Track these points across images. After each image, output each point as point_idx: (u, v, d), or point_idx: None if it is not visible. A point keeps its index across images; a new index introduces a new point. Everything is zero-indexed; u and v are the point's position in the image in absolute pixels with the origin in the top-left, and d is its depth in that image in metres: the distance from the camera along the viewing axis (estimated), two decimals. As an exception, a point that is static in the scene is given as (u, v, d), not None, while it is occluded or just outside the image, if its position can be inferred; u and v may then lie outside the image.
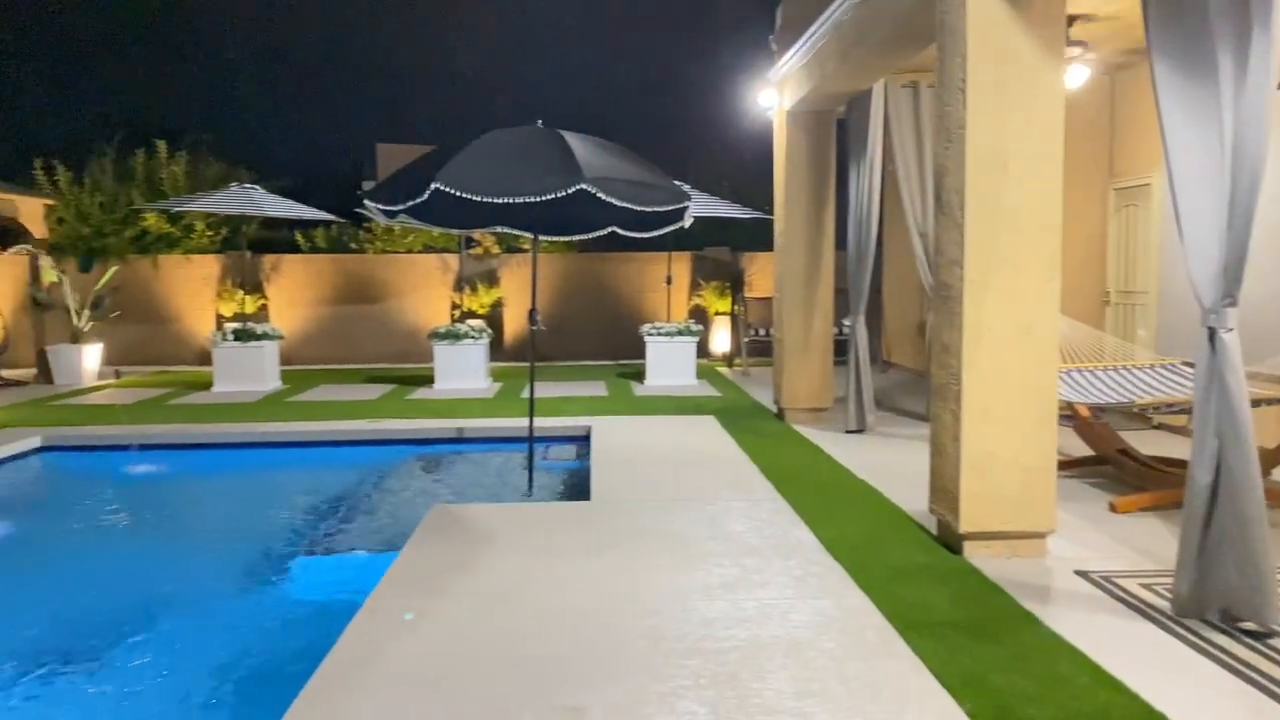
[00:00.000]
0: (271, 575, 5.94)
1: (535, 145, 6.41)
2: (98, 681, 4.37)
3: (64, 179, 15.23)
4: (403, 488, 7.92)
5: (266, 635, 4.88)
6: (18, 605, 5.38)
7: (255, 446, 9.02)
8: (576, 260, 16.22)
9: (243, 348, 12.49)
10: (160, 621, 5.07)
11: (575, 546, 5.21)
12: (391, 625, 4.04)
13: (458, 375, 12.33)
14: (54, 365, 13.46)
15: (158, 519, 7.30)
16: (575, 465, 8.26)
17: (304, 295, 16.06)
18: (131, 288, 15.22)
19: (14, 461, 8.40)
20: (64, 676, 4.37)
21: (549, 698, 3.35)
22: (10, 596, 5.53)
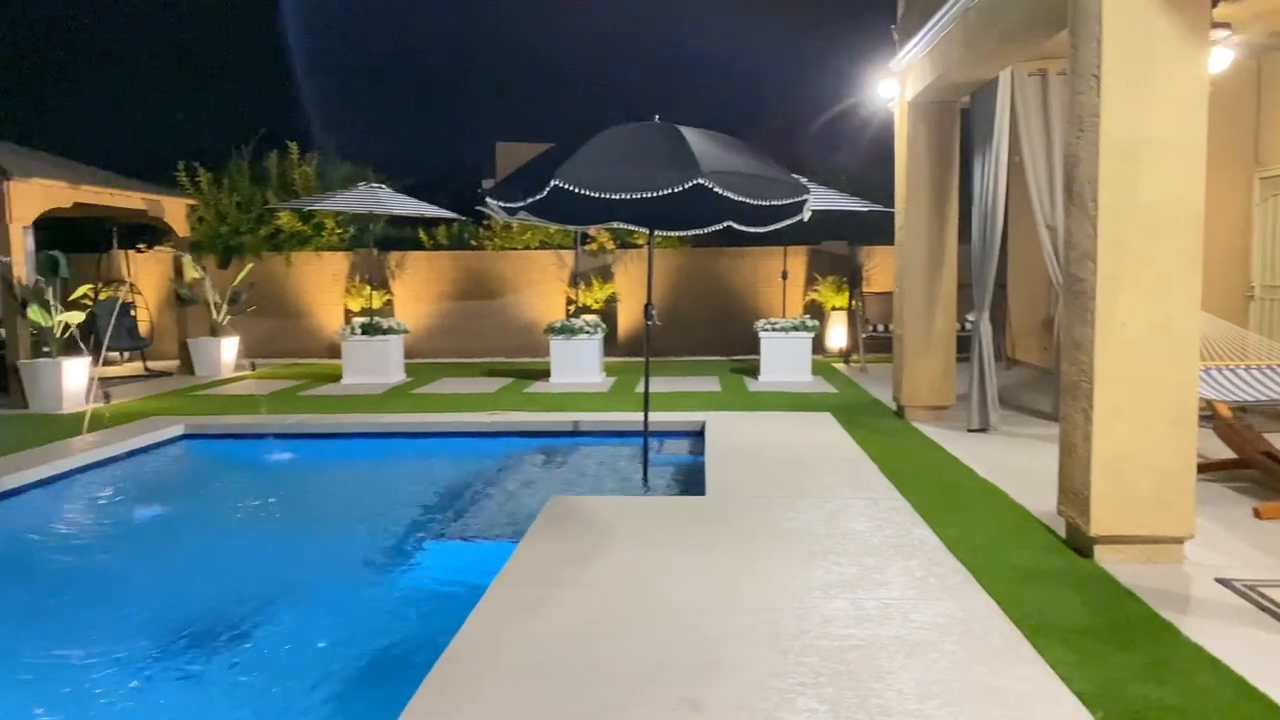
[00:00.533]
0: (397, 561, 6.14)
1: (653, 141, 6.44)
2: (230, 659, 4.60)
3: (204, 180, 16.04)
4: (521, 479, 8.07)
5: (393, 619, 5.06)
6: (158, 583, 5.70)
7: (381, 437, 9.34)
8: (690, 255, 16.23)
9: (369, 341, 12.94)
10: (291, 603, 5.30)
11: (692, 541, 5.23)
12: (513, 613, 4.14)
13: (573, 369, 12.50)
14: (195, 357, 14.22)
15: (290, 504, 7.63)
16: (689, 460, 8.28)
17: (427, 291, 16.53)
18: (266, 284, 15.93)
19: (160, 448, 8.91)
20: (199, 653, 4.61)
21: (667, 689, 3.38)
22: (151, 575, 5.87)
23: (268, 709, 4.02)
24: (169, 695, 4.21)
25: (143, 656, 4.54)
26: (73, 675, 4.31)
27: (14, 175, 10.87)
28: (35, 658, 4.49)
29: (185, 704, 4.11)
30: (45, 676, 4.32)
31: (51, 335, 10.78)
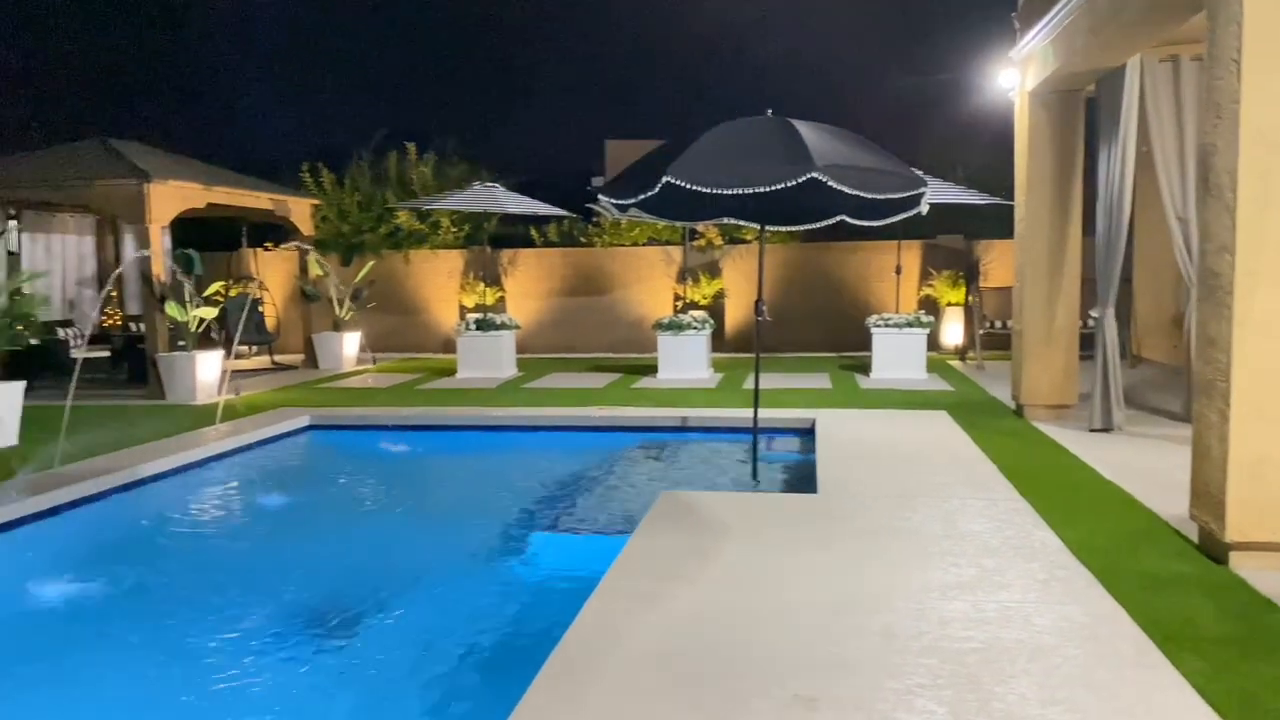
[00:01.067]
0: (510, 551, 6.28)
1: (765, 135, 6.41)
2: (350, 642, 4.78)
3: (328, 181, 16.66)
4: (630, 473, 8.15)
5: (507, 607, 5.17)
6: (285, 567, 5.96)
7: (495, 430, 9.55)
8: (801, 250, 16.09)
9: (483, 337, 13.24)
10: (410, 590, 5.47)
11: (804, 538, 5.20)
12: (626, 607, 4.19)
13: (680, 365, 12.53)
14: (319, 351, 14.79)
15: (408, 494, 7.88)
16: (799, 458, 8.22)
17: (537, 287, 16.82)
18: (385, 281, 16.45)
19: (287, 438, 9.29)
20: (321, 635, 4.80)
21: (781, 686, 3.37)
22: (279, 559, 6.14)
23: (385, 693, 4.17)
24: (293, 675, 4.40)
25: (269, 637, 4.76)
26: (207, 653, 4.56)
27: (153, 178, 11.48)
28: (175, 636, 4.75)
29: (309, 684, 4.29)
30: (182, 654, 4.57)
31: (187, 330, 11.36)
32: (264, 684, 4.26)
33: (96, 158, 12.12)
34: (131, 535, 6.63)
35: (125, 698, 4.16)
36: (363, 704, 4.08)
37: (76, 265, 15.64)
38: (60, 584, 5.31)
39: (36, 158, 12.62)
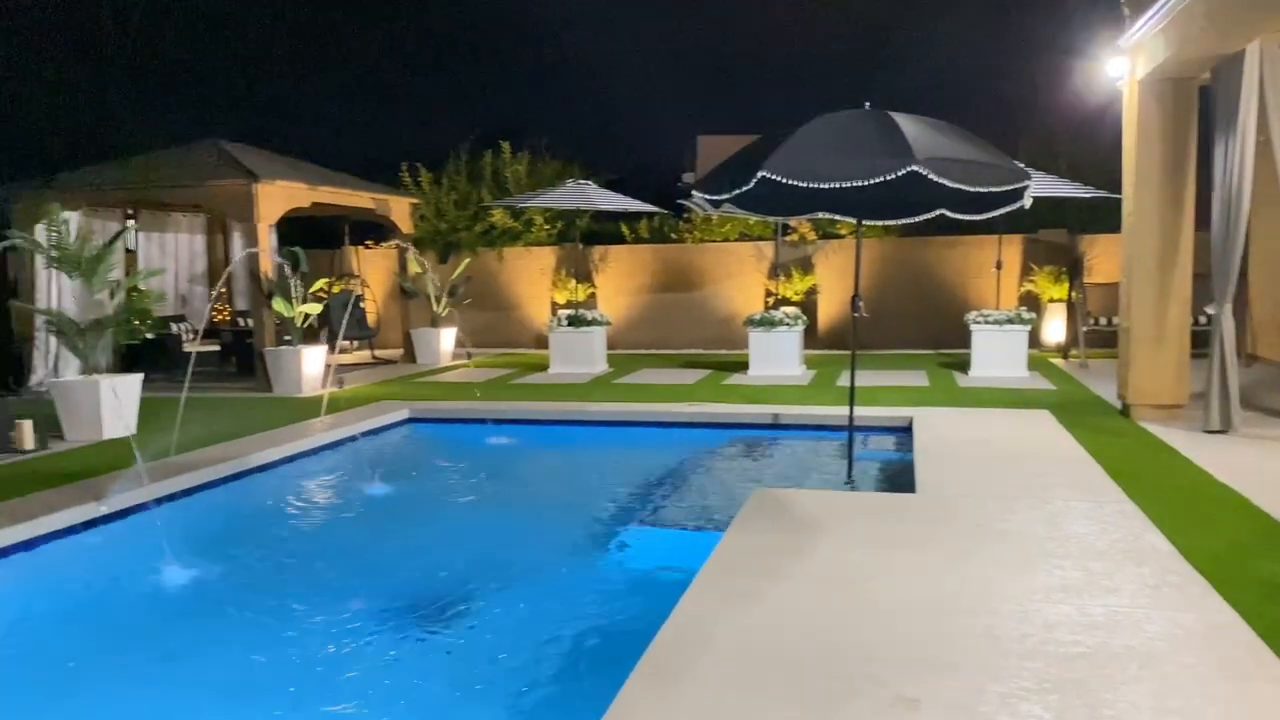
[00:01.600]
0: (604, 545, 6.33)
1: (863, 128, 6.32)
2: (446, 631, 4.88)
3: (425, 180, 17.02)
4: (721, 470, 8.14)
5: (600, 601, 5.22)
6: (386, 555, 6.12)
7: (587, 424, 9.63)
8: (897, 245, 15.82)
9: (575, 333, 13.37)
10: (505, 581, 5.56)
11: (902, 538, 5.11)
12: (721, 603, 4.18)
13: (772, 362, 12.45)
14: (417, 346, 15.14)
15: (503, 486, 8.00)
16: (895, 456, 8.09)
17: (628, 284, 16.90)
18: (480, 278, 16.73)
19: (387, 430, 9.54)
20: (414, 623, 4.92)
21: (882, 687, 3.33)
22: (380, 547, 6.31)
23: (481, 681, 4.24)
24: (391, 658, 4.53)
25: (369, 620, 4.91)
26: (310, 634, 4.72)
27: (261, 178, 11.89)
28: (278, 618, 4.93)
29: (404, 669, 4.41)
30: (285, 634, 4.74)
31: (293, 325, 11.74)
32: (362, 663, 4.40)
33: (209, 159, 12.61)
34: (242, 521, 6.90)
35: (233, 673, 4.34)
36: (458, 690, 4.17)
37: (189, 263, 16.30)
38: (177, 566, 5.55)
39: (153, 159, 13.19)
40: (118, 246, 9.55)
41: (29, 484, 6.73)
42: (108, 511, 6.19)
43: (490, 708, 3.96)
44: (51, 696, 4.17)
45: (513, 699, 4.02)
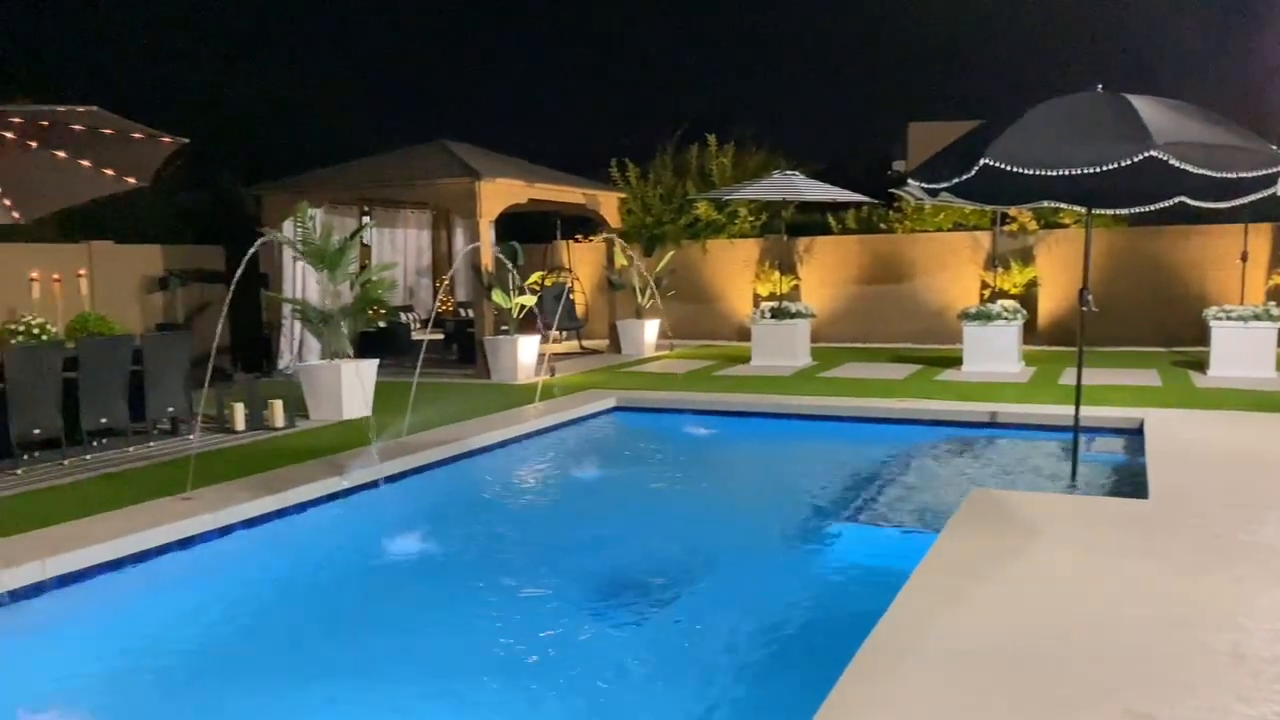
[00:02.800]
0: (810, 539, 6.30)
1: (1095, 111, 5.96)
2: (652, 615, 5.00)
3: (633, 174, 17.38)
4: (934, 469, 7.90)
5: (807, 595, 5.20)
6: (593, 537, 6.33)
7: (791, 418, 9.58)
8: (1126, 235, 14.80)
9: (778, 325, 13.31)
10: (710, 569, 5.64)
11: (1133, 546, 4.82)
12: (937, 604, 4.09)
13: (987, 357, 11.95)
14: (622, 337, 15.52)
15: (707, 476, 8.11)
16: (1123, 460, 7.61)
17: (833, 275, 16.64)
18: (683, 270, 16.92)
19: (596, 418, 9.85)
20: (622, 605, 5.07)
21: (1109, 699, 3.16)
22: (586, 529, 6.53)
23: (686, 670, 4.32)
24: (597, 636, 4.69)
25: (577, 597, 5.12)
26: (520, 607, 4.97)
27: (484, 176, 12.51)
28: (493, 594, 5.21)
29: (609, 651, 4.55)
30: (499, 606, 5.01)
31: (510, 315, 12.30)
32: (567, 642, 4.60)
33: (435, 158, 13.39)
34: (463, 500, 7.32)
35: (454, 639, 4.63)
36: (667, 676, 4.27)
37: (416, 256, 17.38)
38: (406, 540, 5.96)
39: (385, 160, 14.14)
40: (358, 241, 10.32)
41: (280, 459, 7.40)
42: (348, 486, 6.72)
43: (695, 697, 4.02)
44: (285, 651, 4.59)
45: (717, 690, 4.08)
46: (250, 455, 7.67)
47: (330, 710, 3.98)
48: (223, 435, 8.55)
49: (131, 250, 13.08)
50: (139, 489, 6.44)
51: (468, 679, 4.22)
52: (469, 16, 33.90)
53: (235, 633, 4.78)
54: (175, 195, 14.78)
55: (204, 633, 4.75)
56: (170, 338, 9.13)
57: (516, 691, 4.09)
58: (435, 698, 4.06)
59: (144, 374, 8.28)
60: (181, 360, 8.72)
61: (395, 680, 4.23)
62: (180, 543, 5.57)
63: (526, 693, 4.09)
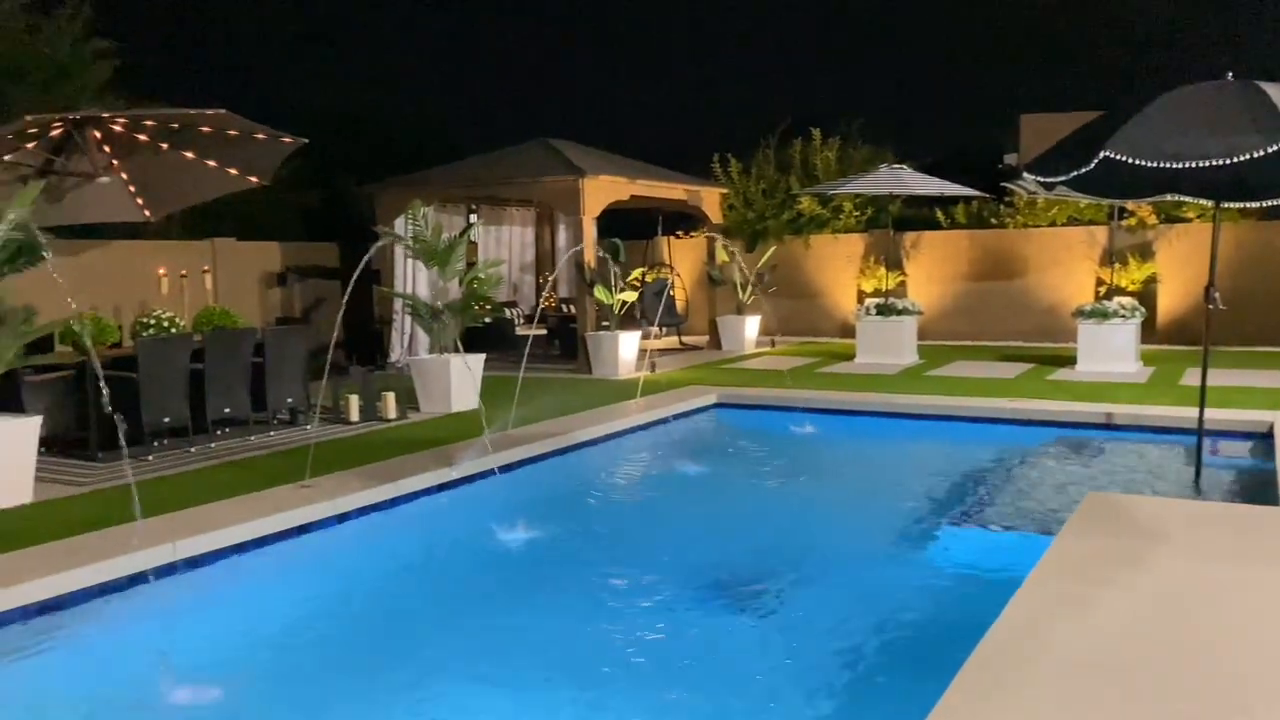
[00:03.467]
0: (916, 540, 6.18)
1: (1226, 101, 5.69)
2: (754, 612, 4.99)
3: (735, 170, 17.31)
4: (1047, 471, 7.67)
5: (914, 597, 5.11)
6: (694, 533, 6.34)
7: (897, 417, 9.42)
8: (1255, 229, 14.08)
9: (884, 322, 13.09)
10: (813, 569, 5.59)
11: (1262, 555, 4.59)
12: (1052, 610, 3.97)
13: (1103, 357, 11.54)
14: (722, 333, 15.48)
15: (810, 474, 8.04)
16: (1251, 464, 7.26)
17: (941, 271, 16.28)
18: (785, 265, 16.78)
19: (697, 414, 9.86)
20: (723, 602, 5.07)
21: (1244, 714, 3.03)
22: (688, 525, 6.55)
23: (789, 670, 4.29)
24: (699, 632, 4.71)
25: (678, 593, 5.14)
26: (626, 599, 5.02)
27: (587, 174, 12.64)
28: (596, 587, 5.27)
29: (709, 647, 4.56)
30: (606, 596, 5.06)
31: (611, 311, 12.40)
32: (668, 636, 4.63)
33: (540, 157, 13.58)
34: (567, 493, 7.43)
35: (554, 628, 4.71)
36: (767, 676, 4.25)
37: (520, 253, 17.66)
38: (511, 531, 6.08)
39: (492, 159, 14.41)
40: (467, 238, 10.55)
41: (393, 449, 7.62)
42: (457, 476, 6.88)
43: (794, 699, 3.99)
44: (394, 636, 4.73)
45: (822, 690, 4.05)
46: (364, 445, 7.92)
47: (438, 694, 4.08)
48: (338, 426, 8.86)
49: (251, 247, 13.64)
50: (260, 476, 6.72)
51: (574, 667, 4.28)
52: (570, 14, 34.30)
53: (351, 617, 4.95)
54: (292, 194, 15.34)
55: (321, 616, 4.93)
56: (290, 331, 9.48)
57: (614, 680, 4.15)
58: (541, 685, 4.13)
59: (265, 366, 8.63)
60: (300, 353, 9.06)
61: (503, 667, 4.33)
62: (299, 529, 5.80)
63: (625, 681, 4.13)
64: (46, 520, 5.74)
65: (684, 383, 11.18)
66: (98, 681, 4.22)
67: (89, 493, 6.53)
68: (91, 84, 12.31)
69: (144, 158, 8.84)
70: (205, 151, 8.89)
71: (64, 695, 4.09)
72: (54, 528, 5.48)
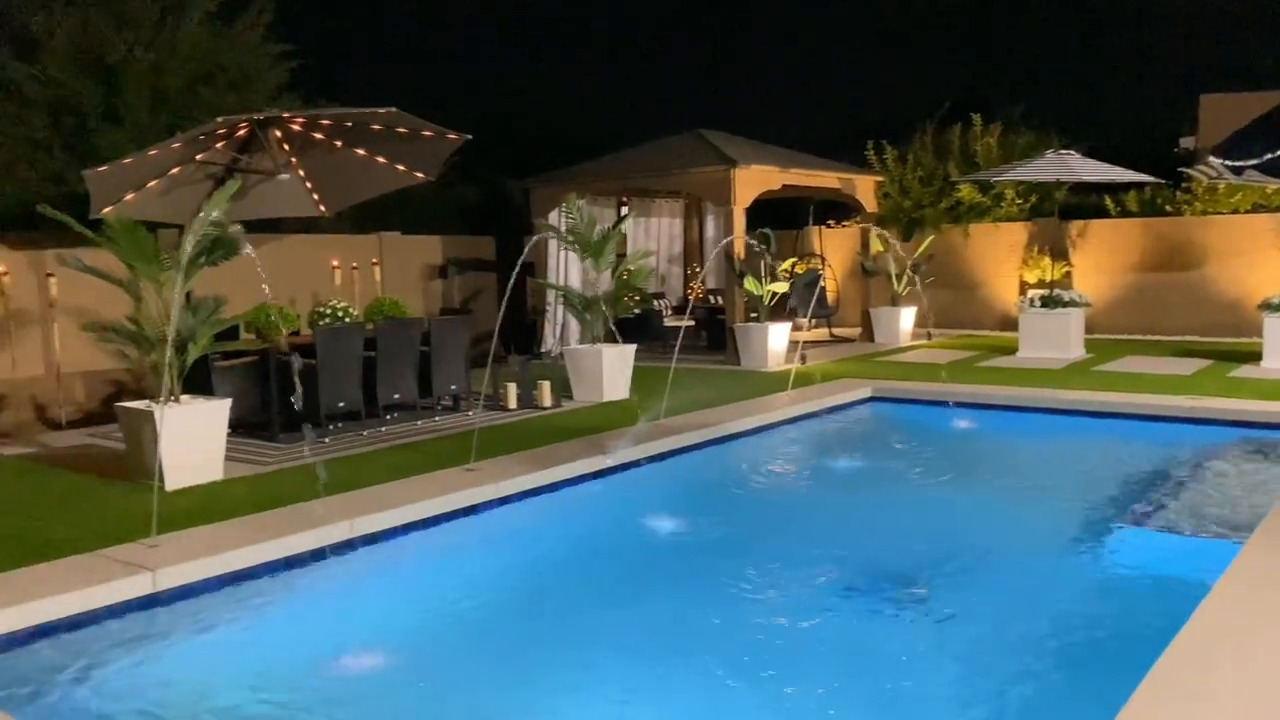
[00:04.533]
0: (1087, 542, 5.92)
1: None
2: (918, 607, 4.88)
3: (890, 157, 16.90)
4: (1231, 473, 7.22)
5: (1082, 601, 4.91)
6: (849, 527, 6.26)
7: (1064, 413, 9.02)
8: None
9: (1049, 314, 12.55)
10: (976, 566, 5.43)
11: None
12: (1244, 622, 3.75)
13: (1294, 352, 10.73)
14: (875, 325, 15.18)
15: (971, 471, 7.80)
16: None
17: (1110, 261, 15.48)
18: (942, 255, 16.28)
19: (851, 407, 9.70)
20: (885, 596, 4.98)
21: None
22: (843, 519, 6.46)
23: (952, 672, 4.18)
24: (858, 627, 4.65)
25: (835, 586, 5.11)
26: (779, 590, 5.01)
27: (739, 163, 12.60)
28: (747, 580, 5.25)
29: (878, 640, 4.51)
30: (758, 593, 5.06)
31: (761, 302, 12.34)
32: (827, 627, 4.61)
33: (691, 148, 13.63)
34: (718, 484, 7.47)
35: (707, 617, 4.74)
36: (942, 672, 4.16)
37: (668, 244, 17.76)
38: (661, 519, 6.17)
39: (642, 151, 14.55)
40: (620, 230, 10.71)
41: (550, 436, 7.83)
42: (611, 464, 7.01)
43: (958, 702, 3.90)
44: (557, 615, 4.85)
45: (995, 688, 3.94)
46: (523, 432, 8.16)
47: (588, 673, 4.19)
48: (497, 412, 9.15)
49: (415, 240, 14.20)
50: (428, 459, 7.02)
51: (723, 656, 4.31)
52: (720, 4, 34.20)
53: (510, 596, 5.13)
54: (452, 190, 15.88)
55: (484, 594, 5.12)
56: (454, 321, 9.84)
57: (765, 670, 4.16)
58: (689, 671, 4.18)
59: (430, 354, 9.00)
60: (463, 342, 9.41)
61: (651, 651, 4.40)
62: (466, 510, 6.03)
63: (774, 673, 4.14)
64: (236, 496, 6.16)
65: (836, 375, 11.03)
66: (286, 644, 4.53)
67: (272, 472, 6.97)
68: (270, 86, 13.06)
69: (320, 155, 9.34)
70: (376, 148, 9.32)
71: (257, 655, 4.40)
72: (243, 503, 5.88)
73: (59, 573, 4.66)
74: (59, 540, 5.20)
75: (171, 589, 4.68)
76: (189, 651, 4.38)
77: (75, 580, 4.51)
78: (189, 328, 6.43)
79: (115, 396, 9.81)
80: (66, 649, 4.20)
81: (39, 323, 9.83)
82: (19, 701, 3.78)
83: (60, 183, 10.48)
